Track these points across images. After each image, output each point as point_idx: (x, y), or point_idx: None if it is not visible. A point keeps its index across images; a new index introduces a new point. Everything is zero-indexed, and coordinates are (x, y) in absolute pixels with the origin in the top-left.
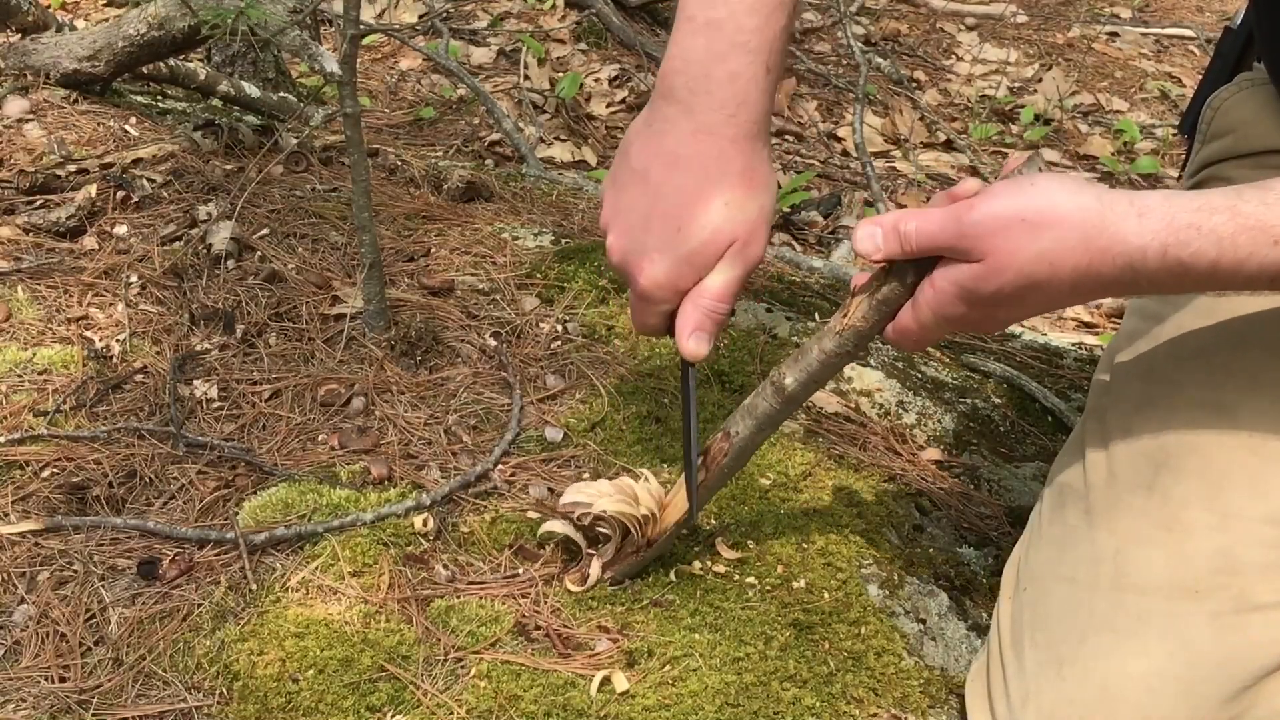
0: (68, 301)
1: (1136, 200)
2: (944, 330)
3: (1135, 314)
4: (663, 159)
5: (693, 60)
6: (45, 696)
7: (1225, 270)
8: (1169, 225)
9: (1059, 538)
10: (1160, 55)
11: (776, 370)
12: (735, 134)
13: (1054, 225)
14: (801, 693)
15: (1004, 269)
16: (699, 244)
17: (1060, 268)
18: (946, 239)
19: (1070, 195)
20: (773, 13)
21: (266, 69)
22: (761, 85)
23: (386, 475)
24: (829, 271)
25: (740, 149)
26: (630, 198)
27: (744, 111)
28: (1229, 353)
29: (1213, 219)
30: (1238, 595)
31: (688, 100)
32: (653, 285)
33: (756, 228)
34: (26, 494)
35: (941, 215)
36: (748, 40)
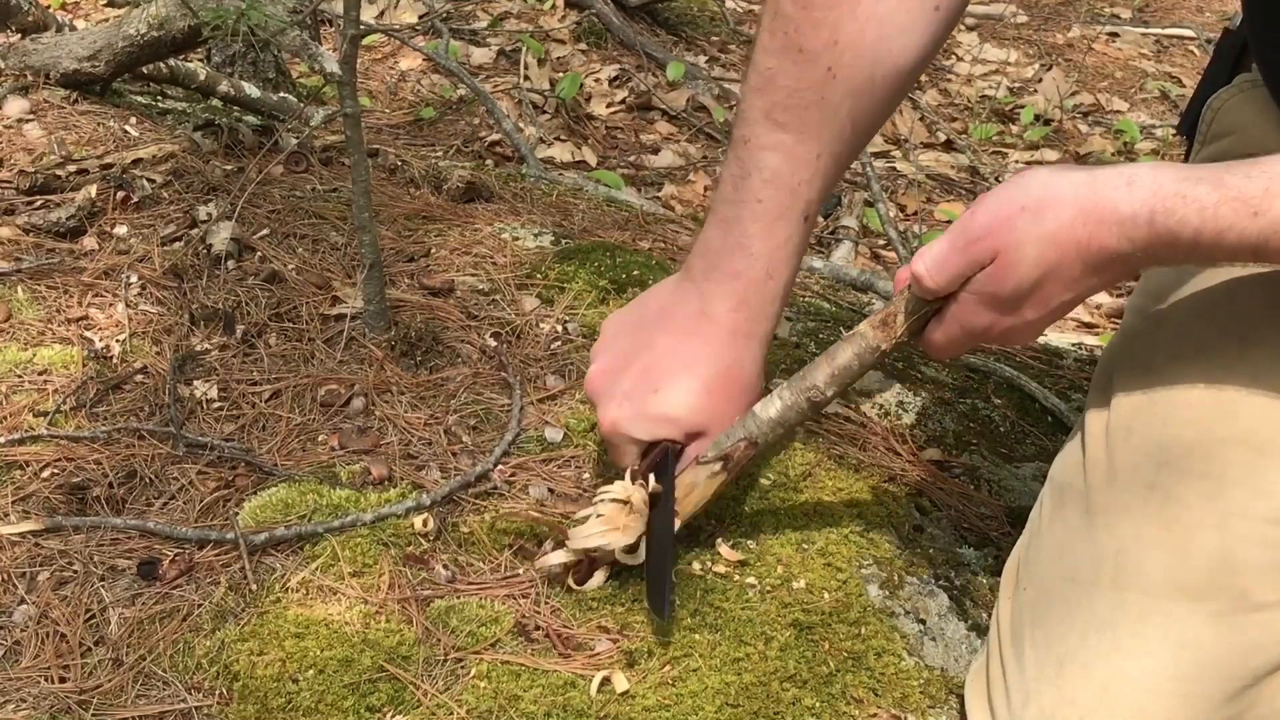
0: (68, 302)
1: (1125, 171)
2: (975, 341)
3: (1135, 313)
4: (670, 325)
5: (709, 250)
6: (45, 696)
7: (1207, 240)
8: (1156, 193)
9: (1059, 537)
10: (1160, 55)
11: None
12: (734, 328)
13: (1052, 205)
14: (801, 693)
15: (1017, 261)
16: (662, 414)
17: (1067, 246)
18: (960, 259)
19: (1061, 176)
20: (775, 222)
21: (266, 69)
22: (761, 289)
23: (386, 475)
24: (829, 271)
25: (735, 346)
26: (626, 343)
27: (744, 310)
28: (1230, 352)
29: (1197, 188)
30: (1239, 595)
31: (701, 284)
32: (610, 427)
33: (722, 425)
34: (26, 494)
35: (948, 238)
36: (750, 244)
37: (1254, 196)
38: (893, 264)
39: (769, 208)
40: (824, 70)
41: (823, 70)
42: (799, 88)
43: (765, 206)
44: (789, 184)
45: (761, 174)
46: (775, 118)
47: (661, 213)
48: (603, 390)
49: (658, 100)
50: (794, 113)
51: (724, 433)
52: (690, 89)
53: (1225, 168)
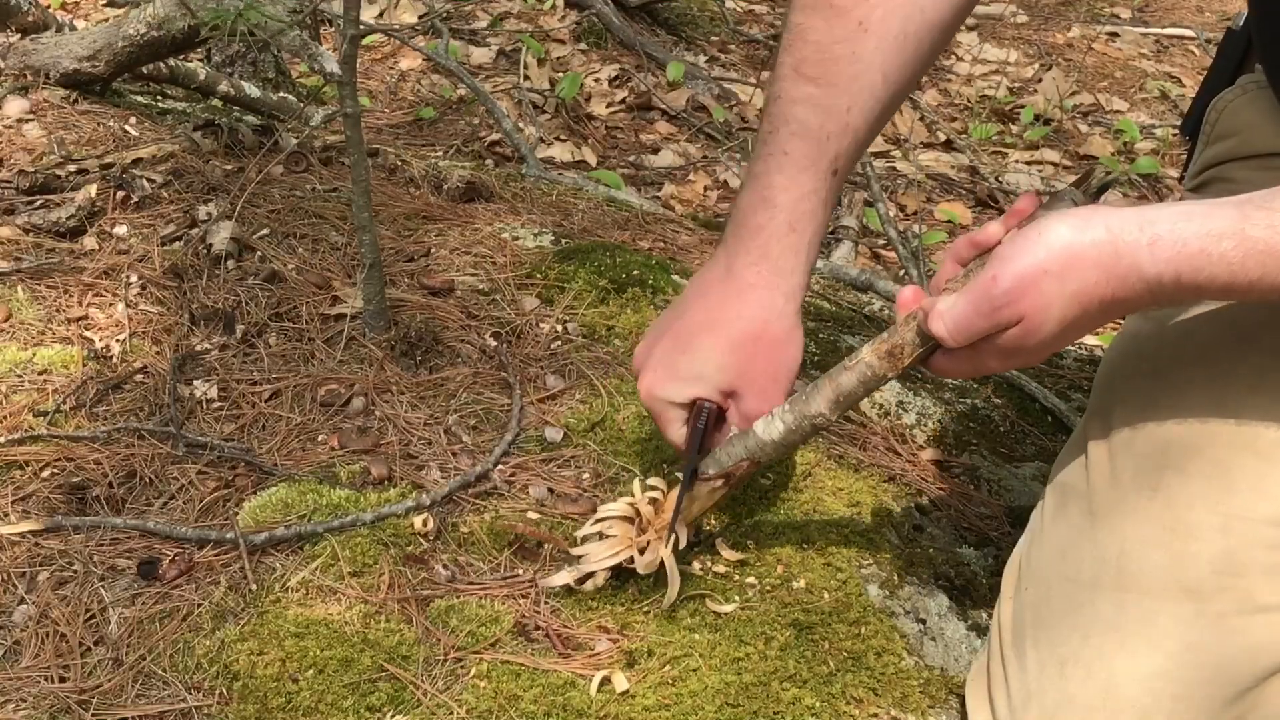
0: (68, 301)
1: (1145, 228)
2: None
3: (1137, 315)
4: (697, 290)
5: (739, 208)
6: (45, 696)
7: (1240, 289)
8: (1179, 253)
9: (1061, 538)
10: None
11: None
12: (756, 282)
13: (1075, 268)
14: (801, 693)
15: (1043, 323)
16: (691, 373)
17: (1090, 303)
18: (985, 323)
19: (1080, 233)
20: (800, 174)
21: (266, 69)
22: (784, 242)
23: (386, 475)
24: (829, 272)
25: (758, 300)
26: (665, 317)
27: (766, 264)
28: (1233, 353)
29: (1221, 245)
30: (1241, 597)
31: (730, 244)
32: (645, 393)
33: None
34: (26, 494)
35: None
36: (773, 196)
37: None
38: (892, 264)
39: (794, 159)
40: (855, 24)
41: (854, 25)
42: (828, 41)
43: (790, 158)
44: (816, 136)
45: (789, 126)
46: (804, 71)
47: (661, 212)
48: (641, 362)
49: (658, 100)
50: (823, 66)
51: (725, 450)
52: (690, 89)
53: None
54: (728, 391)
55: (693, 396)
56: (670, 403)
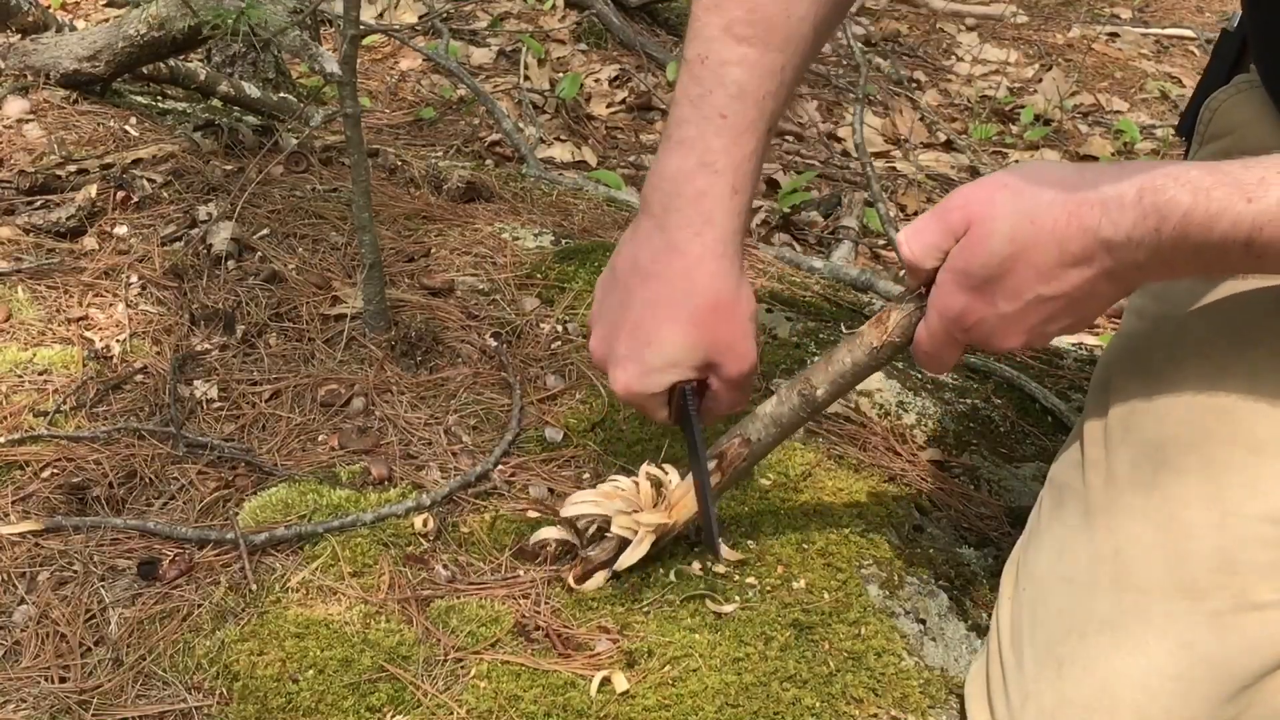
0: (68, 302)
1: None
2: (953, 336)
3: (1134, 314)
4: (638, 272)
5: (666, 177)
6: (45, 696)
7: (1198, 223)
8: (1147, 174)
9: (1058, 538)
10: (1160, 55)
11: (804, 382)
12: (702, 253)
13: (1034, 185)
14: (801, 693)
15: (989, 233)
16: (663, 362)
17: (1041, 224)
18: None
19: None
20: (740, 135)
21: (266, 69)
22: (727, 206)
23: (386, 475)
24: (829, 272)
25: (706, 269)
26: (610, 304)
27: (709, 231)
28: (1228, 352)
29: (1190, 170)
30: (1237, 594)
31: (660, 217)
32: (624, 391)
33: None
34: (26, 494)
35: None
36: (714, 160)
37: (1249, 183)
38: (892, 264)
39: (734, 122)
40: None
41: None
42: (762, 2)
43: (730, 121)
44: (754, 96)
45: (726, 89)
46: (736, 32)
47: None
48: (604, 357)
49: (658, 100)
50: (757, 26)
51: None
52: None
53: (1222, 161)
54: (703, 366)
55: (671, 383)
56: (648, 395)
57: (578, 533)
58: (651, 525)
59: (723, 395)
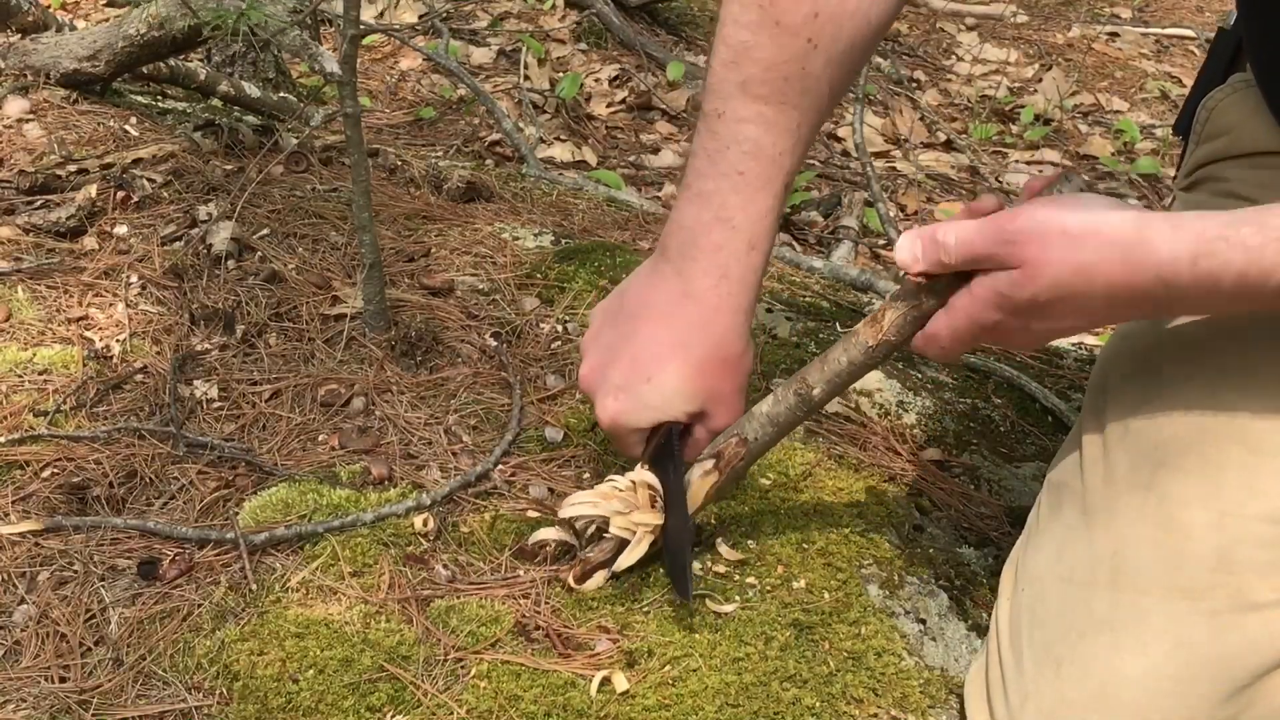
0: (68, 302)
1: (1172, 218)
2: (976, 339)
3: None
4: (651, 310)
5: (685, 226)
6: (45, 696)
7: (1252, 281)
8: (1199, 236)
9: (1057, 538)
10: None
11: (800, 381)
12: (718, 304)
13: (1093, 238)
14: (801, 693)
15: (1040, 276)
16: (659, 401)
17: (1095, 280)
18: (986, 247)
19: (1110, 211)
20: (757, 192)
21: (266, 69)
22: (743, 261)
23: (386, 475)
24: (829, 272)
25: (721, 322)
26: (611, 334)
27: (725, 284)
28: (1227, 351)
29: (1240, 230)
30: (1235, 594)
31: (678, 263)
32: (610, 421)
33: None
34: (26, 494)
35: (981, 224)
36: (731, 216)
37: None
38: (892, 264)
39: (750, 180)
40: (804, 42)
41: (803, 43)
42: (778, 61)
43: (746, 179)
44: (770, 154)
45: (741, 146)
46: (753, 91)
47: (661, 212)
48: (596, 385)
49: (658, 100)
50: (773, 85)
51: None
52: (690, 89)
53: (1269, 209)
54: (695, 414)
55: (659, 421)
56: (634, 431)
57: (576, 533)
58: (649, 525)
59: (701, 443)
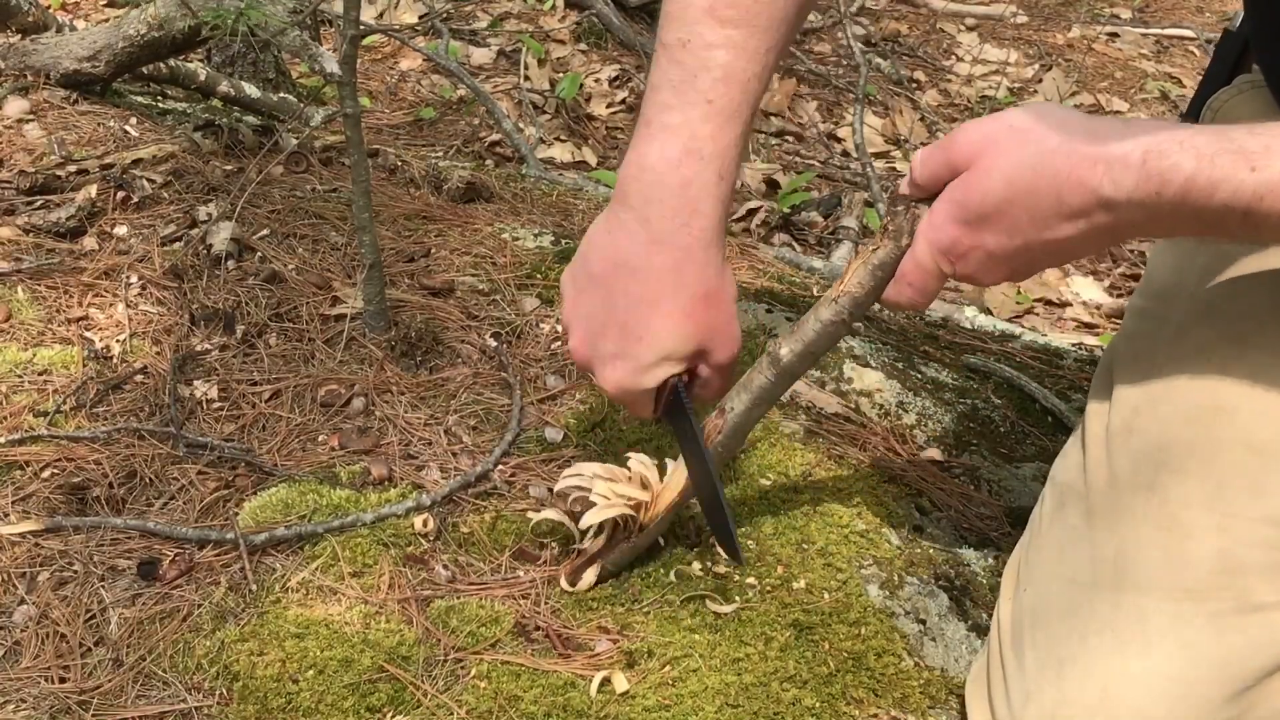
0: (68, 302)
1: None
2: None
3: (1135, 314)
4: (621, 268)
5: (647, 166)
6: (45, 697)
7: (1199, 190)
8: (1153, 134)
9: (1059, 539)
10: (1160, 56)
11: (772, 343)
12: (689, 243)
13: (1040, 131)
14: (801, 693)
15: (990, 169)
16: (657, 356)
17: (1042, 171)
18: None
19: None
20: (728, 121)
21: (266, 69)
22: (714, 193)
23: (386, 475)
24: (829, 272)
25: (694, 260)
26: (590, 303)
27: (697, 220)
28: (1229, 353)
29: (1196, 137)
30: (1238, 595)
31: (642, 209)
32: (617, 389)
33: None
34: (26, 494)
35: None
36: (701, 147)
37: (1253, 151)
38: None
39: (721, 107)
40: None
41: None
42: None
43: (717, 106)
44: (741, 80)
45: (711, 73)
46: (720, 14)
47: None
48: (590, 358)
49: None
50: (742, 8)
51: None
52: None
53: (1233, 126)
54: (695, 355)
55: (665, 376)
56: (641, 390)
57: (573, 518)
58: (626, 496)
59: (713, 381)
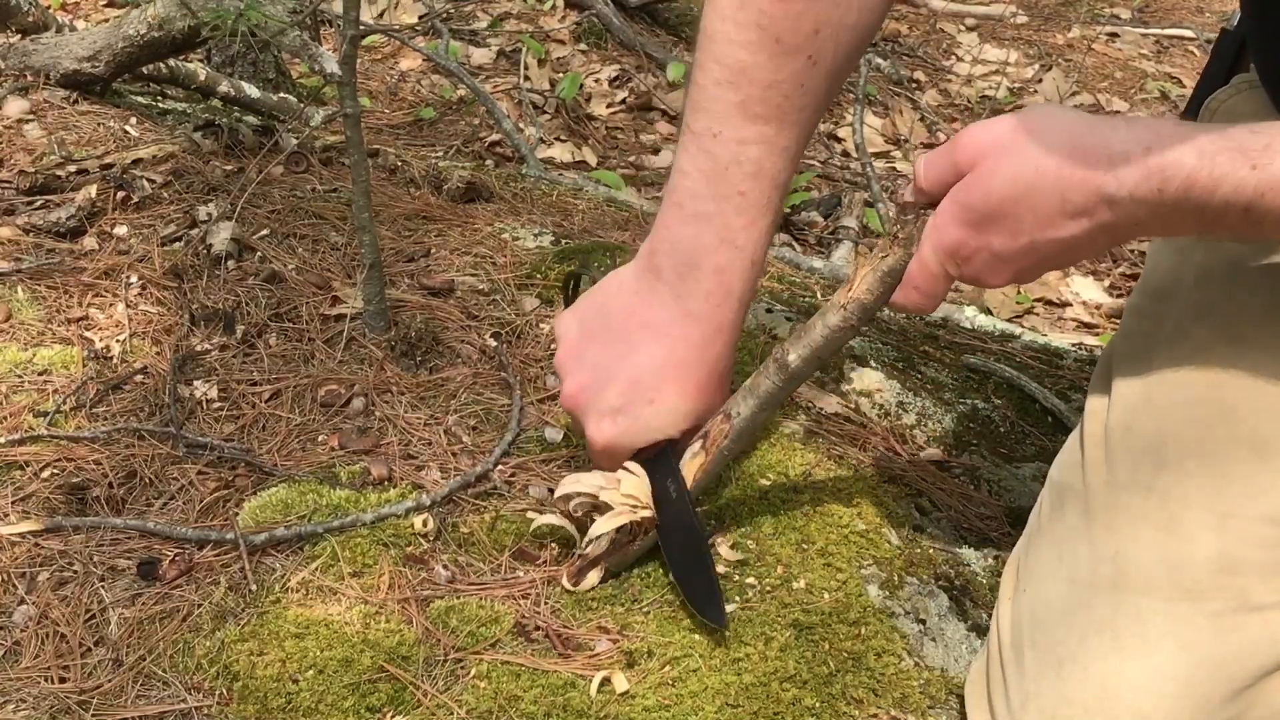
0: (68, 302)
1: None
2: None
3: (1134, 314)
4: (649, 330)
5: (681, 249)
6: (45, 697)
7: (1200, 187)
8: (1155, 132)
9: (1058, 539)
10: (1160, 56)
11: (779, 348)
12: (721, 322)
13: (1044, 131)
14: (801, 693)
15: (993, 170)
16: (662, 422)
17: (1046, 171)
18: (945, 159)
19: (1065, 110)
20: (760, 213)
21: (266, 69)
22: (746, 278)
23: (386, 476)
24: (829, 272)
25: (721, 338)
26: (601, 353)
27: (729, 302)
28: (1229, 353)
29: (1198, 135)
30: (1237, 595)
31: (675, 285)
32: (606, 443)
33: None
34: (26, 494)
35: (941, 147)
36: (735, 237)
37: (1254, 149)
38: None
39: (753, 200)
40: (804, 60)
41: (803, 60)
42: (777, 80)
43: (749, 200)
44: (771, 174)
45: (743, 167)
46: (752, 110)
47: None
48: (587, 406)
49: (658, 100)
50: (772, 105)
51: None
52: None
53: (1236, 125)
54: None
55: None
56: (632, 449)
57: (574, 521)
58: (633, 499)
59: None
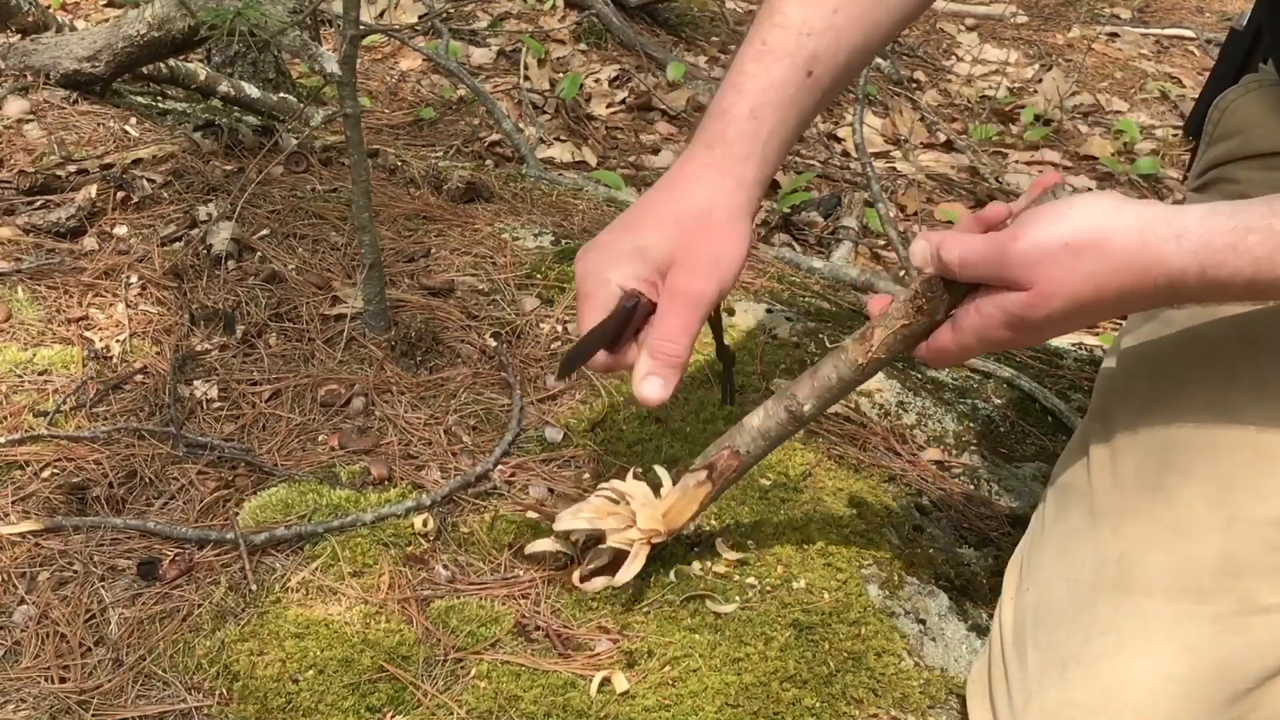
0: (68, 302)
1: (1174, 220)
2: (983, 351)
3: (1139, 316)
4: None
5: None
6: (45, 697)
7: (1263, 285)
8: (1205, 247)
9: (1063, 539)
10: (1160, 55)
11: (790, 398)
12: (705, 163)
13: (1096, 248)
14: (801, 693)
15: (1052, 296)
16: (629, 248)
17: (1105, 290)
18: (991, 271)
19: (1109, 216)
20: (771, 63)
21: (266, 69)
22: (742, 127)
23: (386, 475)
24: (829, 272)
25: (707, 180)
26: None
27: (719, 146)
28: (1236, 354)
29: (1248, 239)
30: (1242, 598)
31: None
32: (580, 270)
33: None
34: (26, 494)
35: (985, 247)
36: (742, 82)
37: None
38: (892, 264)
39: (770, 47)
40: None
41: None
42: None
43: (767, 46)
44: (796, 28)
45: (773, 19)
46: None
47: None
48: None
49: (658, 100)
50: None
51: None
52: (690, 89)
53: (1271, 210)
54: (665, 267)
55: (630, 275)
56: (604, 280)
57: (572, 544)
58: (646, 538)
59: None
